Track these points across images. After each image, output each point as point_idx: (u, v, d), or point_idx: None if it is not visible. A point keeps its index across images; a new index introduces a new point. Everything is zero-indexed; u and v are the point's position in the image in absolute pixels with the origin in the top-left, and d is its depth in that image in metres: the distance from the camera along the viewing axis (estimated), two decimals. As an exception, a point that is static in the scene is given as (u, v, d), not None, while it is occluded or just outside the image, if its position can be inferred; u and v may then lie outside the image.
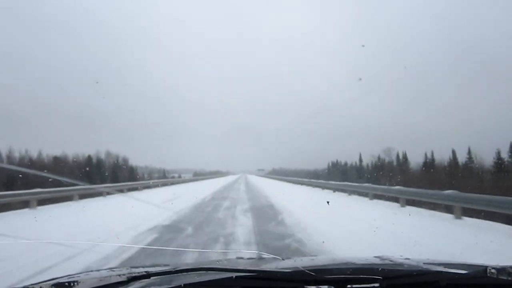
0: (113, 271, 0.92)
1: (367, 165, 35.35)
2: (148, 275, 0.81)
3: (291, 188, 18.35)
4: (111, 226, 5.13)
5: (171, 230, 4.66)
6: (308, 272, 0.76)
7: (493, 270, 0.85)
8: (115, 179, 24.30)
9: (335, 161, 45.68)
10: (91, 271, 0.98)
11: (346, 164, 43.80)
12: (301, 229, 4.84)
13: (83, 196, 10.69)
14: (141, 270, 0.87)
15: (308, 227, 5.01)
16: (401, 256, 1.25)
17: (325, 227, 5.13)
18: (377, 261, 1.18)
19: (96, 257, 3.02)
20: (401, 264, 1.05)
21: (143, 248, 3.49)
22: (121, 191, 12.75)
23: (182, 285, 0.73)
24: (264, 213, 6.84)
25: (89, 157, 25.63)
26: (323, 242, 3.70)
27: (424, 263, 1.04)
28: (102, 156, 31.13)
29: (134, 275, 0.80)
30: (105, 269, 0.99)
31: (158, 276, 0.81)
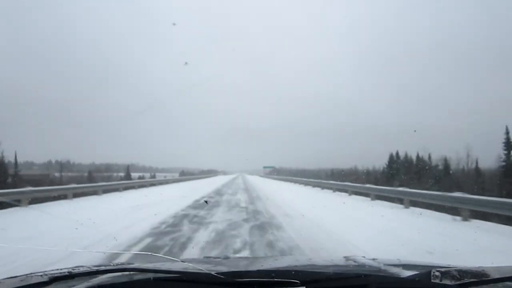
0: (59, 270, 1.16)
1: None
2: (71, 275, 1.09)
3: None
4: None
5: None
6: (216, 275, 1.01)
7: (437, 273, 1.06)
8: None
9: (395, 155, 38.93)
10: (44, 272, 1.18)
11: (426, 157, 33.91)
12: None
13: None
14: (84, 269, 1.15)
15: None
16: (364, 256, 1.58)
17: None
18: (341, 262, 1.51)
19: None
20: (362, 265, 1.35)
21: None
22: None
23: (97, 286, 1.02)
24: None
25: None
26: None
27: (384, 264, 1.31)
28: None
29: (56, 275, 1.08)
30: (53, 270, 1.20)
31: (81, 277, 1.10)
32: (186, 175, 61.10)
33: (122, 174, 51.71)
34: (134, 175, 54.27)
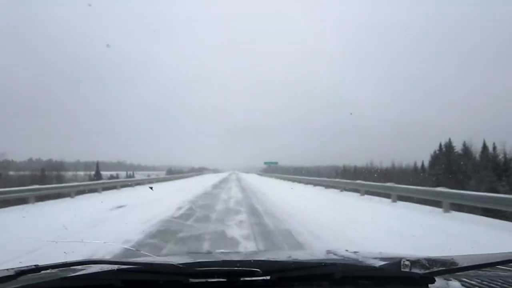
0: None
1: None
2: (38, 269, 1.22)
3: None
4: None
5: None
6: (177, 265, 1.17)
7: (407, 262, 1.19)
8: None
9: (446, 144, 32.47)
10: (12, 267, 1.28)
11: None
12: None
13: None
14: (51, 263, 1.28)
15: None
16: (347, 250, 1.73)
17: None
18: (322, 255, 1.72)
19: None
20: (341, 258, 1.50)
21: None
22: None
23: (59, 278, 1.18)
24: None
25: None
26: None
27: (363, 257, 1.45)
28: None
29: (22, 269, 1.19)
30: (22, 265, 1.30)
31: (48, 270, 1.24)
32: (174, 173, 60.66)
33: (82, 173, 49.47)
34: (107, 173, 54.05)
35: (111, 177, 45.36)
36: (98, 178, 41.88)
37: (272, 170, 66.13)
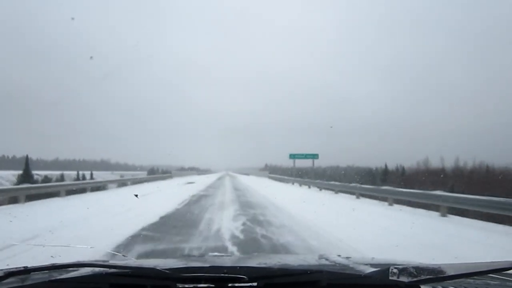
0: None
1: None
2: (27, 271, 1.26)
3: None
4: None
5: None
6: (162, 270, 1.22)
7: (395, 270, 1.24)
8: None
9: None
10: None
11: None
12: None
13: None
14: (40, 265, 1.34)
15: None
16: (339, 255, 1.81)
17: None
18: (313, 261, 1.77)
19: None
20: (333, 263, 1.57)
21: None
22: None
23: (48, 280, 1.23)
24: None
25: None
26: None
27: (354, 262, 1.51)
28: None
29: (11, 270, 1.23)
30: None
31: (37, 272, 1.28)
32: (156, 173, 57.75)
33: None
34: (44, 173, 50.60)
35: (45, 179, 39.87)
36: (26, 179, 36.50)
37: (272, 170, 56.36)
